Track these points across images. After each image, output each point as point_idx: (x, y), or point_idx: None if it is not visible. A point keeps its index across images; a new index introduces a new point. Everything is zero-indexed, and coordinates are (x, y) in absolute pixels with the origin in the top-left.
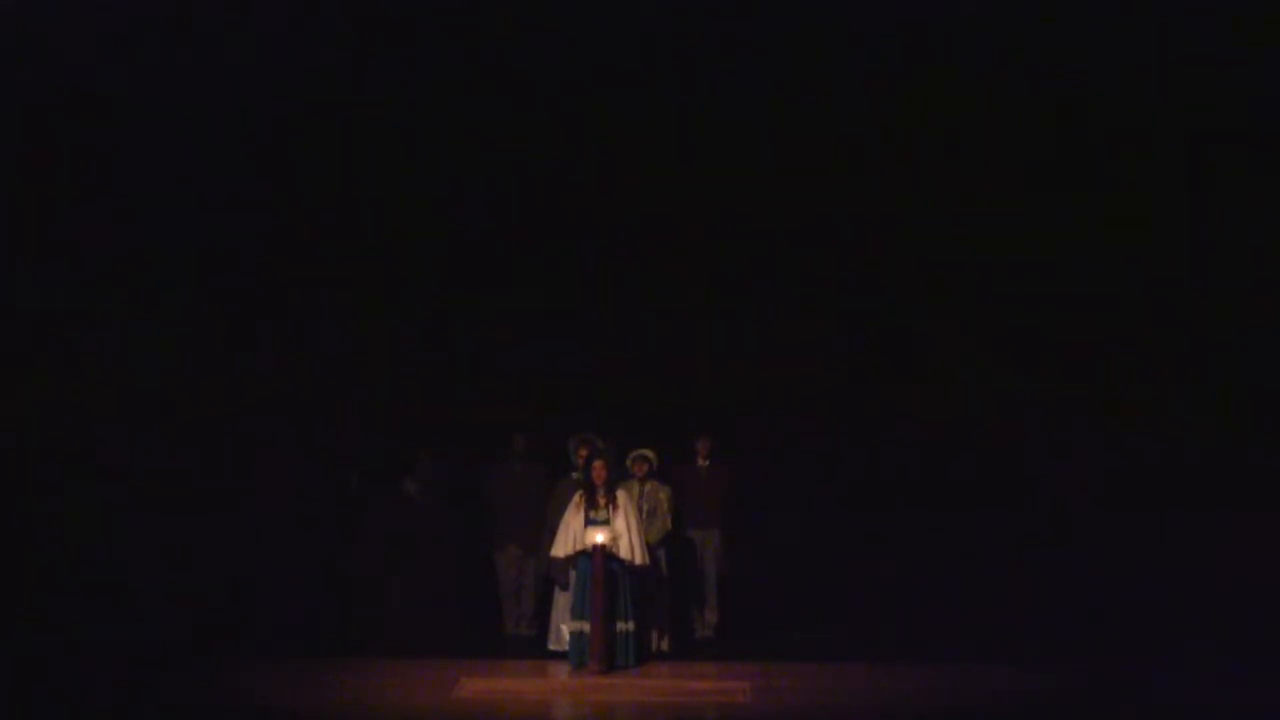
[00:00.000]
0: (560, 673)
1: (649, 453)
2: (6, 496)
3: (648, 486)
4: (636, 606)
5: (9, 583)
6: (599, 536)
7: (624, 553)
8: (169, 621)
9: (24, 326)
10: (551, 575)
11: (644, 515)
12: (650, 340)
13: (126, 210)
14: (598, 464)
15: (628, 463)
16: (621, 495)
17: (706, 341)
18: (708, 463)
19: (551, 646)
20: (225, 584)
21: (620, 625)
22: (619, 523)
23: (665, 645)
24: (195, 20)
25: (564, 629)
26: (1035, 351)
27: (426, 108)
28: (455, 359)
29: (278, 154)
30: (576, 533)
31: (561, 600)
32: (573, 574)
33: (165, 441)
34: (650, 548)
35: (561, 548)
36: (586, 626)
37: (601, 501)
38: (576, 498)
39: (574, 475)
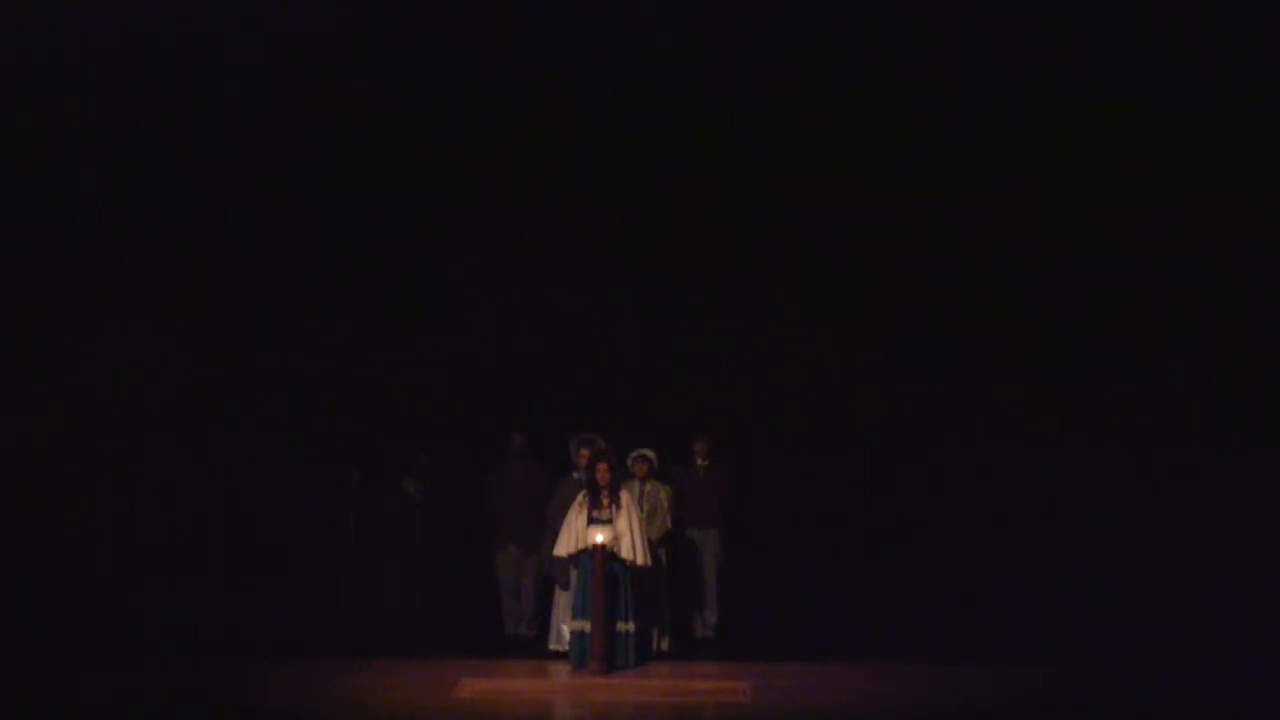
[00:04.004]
0: (560, 673)
1: (649, 452)
2: (6, 496)
3: (648, 486)
4: (637, 606)
5: (9, 583)
6: (600, 536)
7: (625, 552)
8: (169, 621)
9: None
10: (552, 575)
11: (644, 515)
12: (650, 340)
13: (116, 210)
14: (601, 465)
15: (628, 463)
16: (624, 495)
17: (706, 342)
18: (706, 462)
19: (551, 646)
20: (225, 584)
21: (620, 625)
22: (621, 523)
23: (665, 645)
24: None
25: (564, 629)
26: (1035, 351)
27: (427, 102)
28: (455, 359)
29: (266, 150)
30: (579, 532)
31: (562, 600)
32: (574, 573)
33: (165, 441)
34: (651, 547)
35: (564, 547)
36: (587, 626)
37: (605, 501)
38: (580, 497)
39: (575, 475)
